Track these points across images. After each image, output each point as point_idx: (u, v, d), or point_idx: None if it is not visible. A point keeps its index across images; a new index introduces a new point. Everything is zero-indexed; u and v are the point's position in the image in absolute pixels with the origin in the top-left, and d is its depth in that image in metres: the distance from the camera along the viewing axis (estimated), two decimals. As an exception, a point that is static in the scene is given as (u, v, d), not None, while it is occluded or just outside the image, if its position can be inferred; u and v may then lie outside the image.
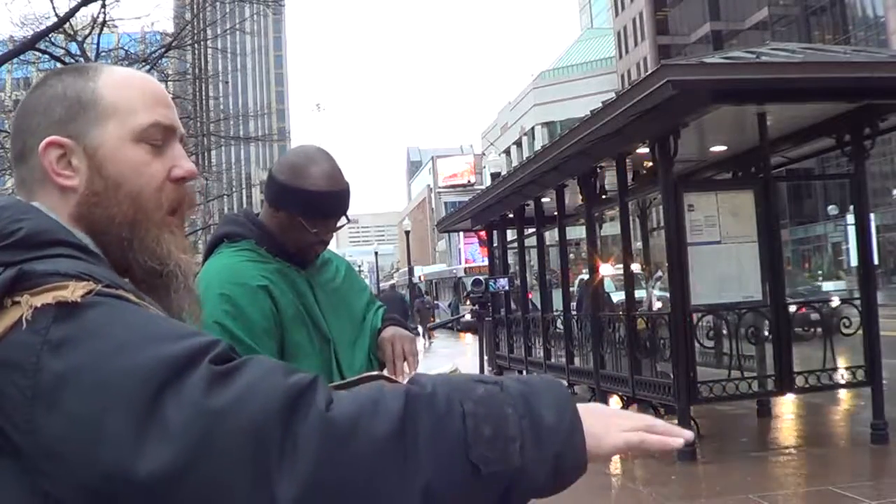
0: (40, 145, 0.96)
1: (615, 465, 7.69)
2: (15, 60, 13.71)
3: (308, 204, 1.92)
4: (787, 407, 9.00)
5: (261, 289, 1.87)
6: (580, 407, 0.89)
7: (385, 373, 1.89)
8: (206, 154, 24.99)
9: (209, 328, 1.76)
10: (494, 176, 21.97)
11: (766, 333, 7.39)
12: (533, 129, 69.43)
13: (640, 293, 10.79)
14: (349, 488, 0.77)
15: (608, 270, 11.35)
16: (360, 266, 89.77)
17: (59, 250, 0.85)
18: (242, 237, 1.98)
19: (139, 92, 1.01)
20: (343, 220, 2.02)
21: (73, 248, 0.87)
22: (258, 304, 1.85)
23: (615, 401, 9.74)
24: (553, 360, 11.22)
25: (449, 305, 36.36)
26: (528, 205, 12.15)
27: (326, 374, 1.94)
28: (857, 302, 7.66)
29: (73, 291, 0.79)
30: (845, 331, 7.48)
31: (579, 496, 7.13)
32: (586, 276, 10.63)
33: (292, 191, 1.93)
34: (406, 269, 44.54)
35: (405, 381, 1.78)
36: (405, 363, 1.99)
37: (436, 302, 38.43)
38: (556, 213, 11.09)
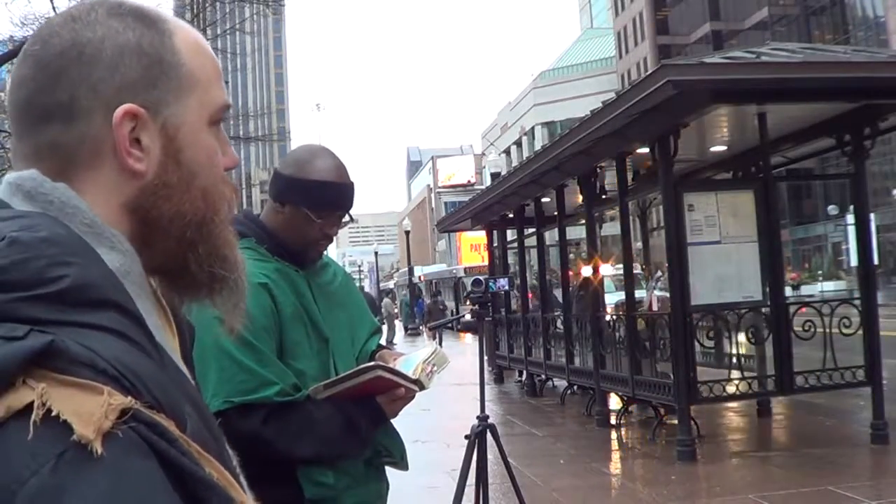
0: (117, 112, 0.74)
1: (615, 465, 7.70)
2: (15, 60, 13.72)
3: (314, 194, 1.95)
4: (787, 407, 9.00)
5: (261, 287, 1.88)
6: None
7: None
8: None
9: (210, 323, 1.80)
10: (494, 176, 21.99)
11: (766, 333, 7.39)
12: (533, 129, 69.43)
13: (640, 293, 10.79)
14: None
15: (606, 271, 11.36)
16: (360, 266, 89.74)
17: (105, 318, 0.64)
18: (242, 235, 1.99)
19: (212, 61, 0.82)
20: (347, 217, 2.04)
21: (122, 315, 0.65)
22: (258, 301, 1.84)
23: (616, 401, 9.75)
24: (553, 360, 11.23)
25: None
26: (528, 205, 12.16)
27: (324, 373, 1.95)
28: (857, 302, 7.66)
29: (100, 421, 0.57)
30: (845, 331, 7.48)
31: (580, 496, 7.09)
32: (584, 277, 10.64)
33: (299, 182, 1.95)
34: (406, 269, 44.55)
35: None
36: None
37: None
38: (556, 213, 11.09)
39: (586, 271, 10.01)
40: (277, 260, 1.98)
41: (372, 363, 1.88)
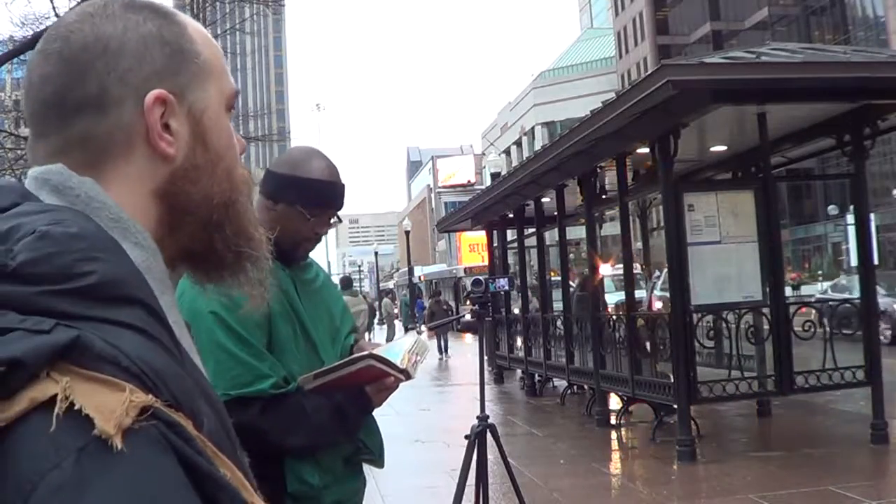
0: (148, 98, 0.76)
1: (615, 465, 7.70)
2: (15, 60, 13.73)
3: (308, 192, 2.01)
4: (787, 407, 9.00)
5: None
6: None
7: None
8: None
9: (204, 317, 1.85)
10: (494, 176, 21.97)
11: (766, 333, 7.38)
12: (533, 129, 69.42)
13: (639, 293, 10.79)
14: None
15: (606, 271, 11.37)
16: (360, 266, 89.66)
17: (130, 314, 0.64)
18: None
19: (220, 51, 0.86)
20: (336, 218, 2.11)
21: (146, 312, 0.66)
22: None
23: (616, 401, 9.75)
24: (553, 360, 11.22)
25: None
26: (528, 205, 12.16)
27: (310, 371, 2.00)
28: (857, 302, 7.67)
29: (121, 418, 0.58)
30: (845, 331, 7.48)
31: (580, 496, 7.08)
32: (583, 277, 10.63)
33: (293, 181, 2.01)
34: (406, 269, 44.56)
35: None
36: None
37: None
38: (556, 213, 11.09)
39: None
40: None
41: (364, 352, 1.94)
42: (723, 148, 8.95)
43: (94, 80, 0.76)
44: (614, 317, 9.42)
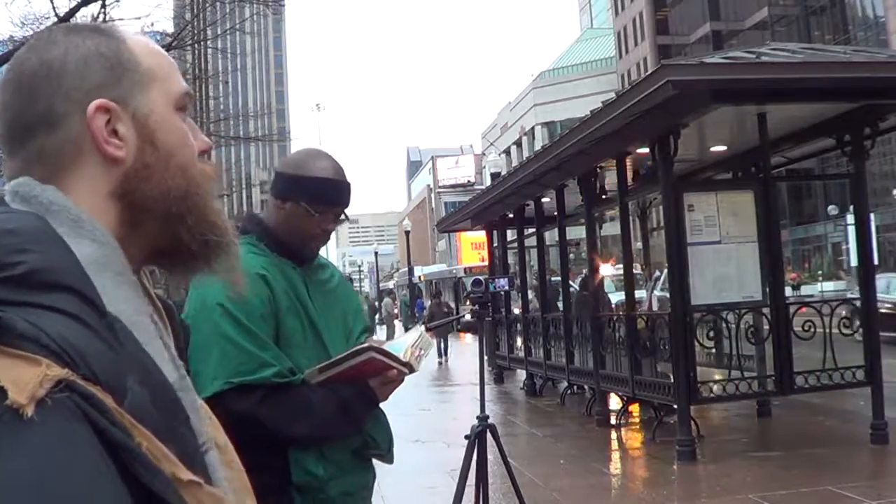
0: (89, 108, 0.84)
1: (615, 465, 7.70)
2: None
3: (314, 190, 2.07)
4: (787, 407, 9.00)
5: (259, 277, 2.00)
6: None
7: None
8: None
9: (212, 309, 1.91)
10: (494, 176, 21.98)
11: (766, 333, 7.38)
12: (533, 129, 69.46)
13: (639, 293, 10.80)
14: None
15: (606, 271, 11.38)
16: (360, 266, 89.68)
17: (59, 300, 0.70)
18: (244, 233, 2.10)
19: (165, 58, 0.93)
20: (343, 216, 2.15)
21: (79, 299, 0.72)
22: (256, 290, 1.96)
23: (616, 401, 9.75)
24: (553, 359, 11.23)
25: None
26: (528, 205, 12.16)
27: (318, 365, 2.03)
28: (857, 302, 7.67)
29: (34, 389, 0.64)
30: (845, 331, 7.48)
31: (580, 496, 7.07)
32: (584, 277, 10.63)
33: (299, 180, 2.08)
34: (406, 269, 44.57)
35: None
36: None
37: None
38: (556, 213, 11.10)
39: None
40: (276, 255, 2.09)
41: (365, 345, 1.97)
42: (723, 148, 8.95)
43: (43, 101, 0.85)
44: (614, 317, 9.42)
